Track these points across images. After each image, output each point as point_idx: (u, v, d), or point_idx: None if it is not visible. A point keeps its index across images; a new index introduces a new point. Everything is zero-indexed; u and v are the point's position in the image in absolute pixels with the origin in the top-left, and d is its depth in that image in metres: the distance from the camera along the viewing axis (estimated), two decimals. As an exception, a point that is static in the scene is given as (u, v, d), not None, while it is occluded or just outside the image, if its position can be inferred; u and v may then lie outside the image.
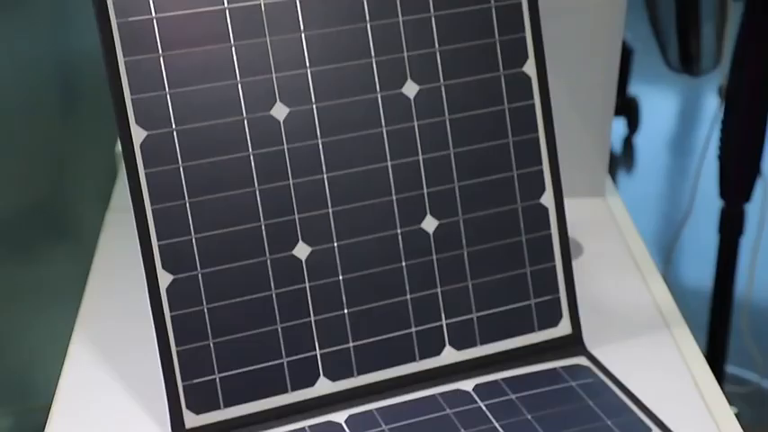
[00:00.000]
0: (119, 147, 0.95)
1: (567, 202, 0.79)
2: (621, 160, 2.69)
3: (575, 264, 0.88)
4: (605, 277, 0.90)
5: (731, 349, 1.53)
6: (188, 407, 0.70)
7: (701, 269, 1.58)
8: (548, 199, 0.79)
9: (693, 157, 2.61)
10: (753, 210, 1.49)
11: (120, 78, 0.69)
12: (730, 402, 0.74)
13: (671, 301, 0.87)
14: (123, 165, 0.70)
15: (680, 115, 3.02)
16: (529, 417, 0.71)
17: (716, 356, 1.48)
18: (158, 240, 0.70)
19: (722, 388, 0.76)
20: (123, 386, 0.76)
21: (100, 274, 0.92)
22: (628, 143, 2.74)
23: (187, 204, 0.70)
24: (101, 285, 0.90)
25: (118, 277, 0.90)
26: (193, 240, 0.70)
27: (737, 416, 0.73)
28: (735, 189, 1.41)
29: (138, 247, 0.70)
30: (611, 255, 0.94)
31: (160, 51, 0.69)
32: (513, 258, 0.78)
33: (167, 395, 0.70)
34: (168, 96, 0.70)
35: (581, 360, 0.78)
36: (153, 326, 0.70)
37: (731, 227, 1.44)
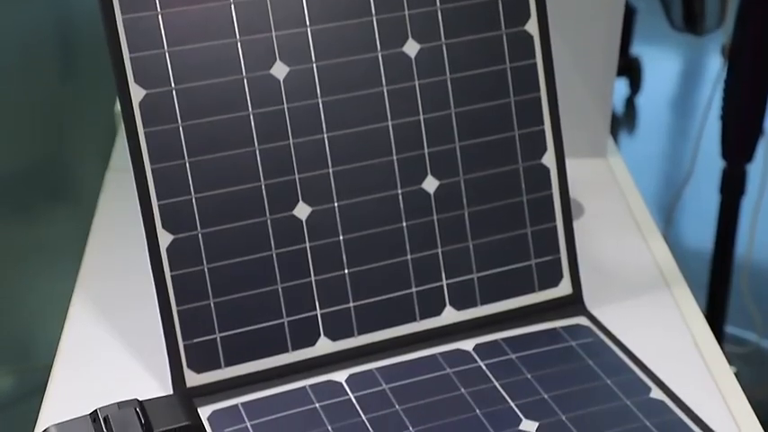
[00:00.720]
0: (118, 106, 0.94)
1: (568, 163, 0.79)
2: (623, 120, 2.68)
3: (575, 224, 0.88)
4: (606, 237, 0.90)
5: (731, 309, 1.53)
6: (189, 366, 0.70)
7: (701, 230, 1.58)
8: (549, 159, 0.78)
9: (695, 117, 2.61)
10: (754, 170, 1.48)
11: (119, 37, 0.68)
12: (729, 362, 0.75)
13: (671, 260, 0.87)
14: (123, 124, 0.69)
15: (682, 75, 3.01)
16: (528, 376, 0.72)
17: (716, 317, 1.49)
18: (158, 200, 0.69)
19: (721, 348, 0.76)
20: (124, 346, 0.77)
21: (100, 235, 0.92)
22: (630, 103, 2.73)
23: (187, 164, 0.70)
24: (101, 245, 0.90)
25: (118, 237, 0.90)
26: (193, 200, 0.70)
27: (736, 375, 0.74)
28: (737, 149, 1.41)
29: (138, 206, 0.69)
30: (612, 215, 0.94)
31: (158, 9, 0.69)
32: (514, 218, 0.77)
33: (168, 354, 0.70)
34: (167, 55, 0.69)
35: (581, 320, 0.78)
36: (153, 285, 0.70)
37: (732, 187, 1.43)
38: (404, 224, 0.75)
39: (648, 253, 0.88)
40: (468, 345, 0.75)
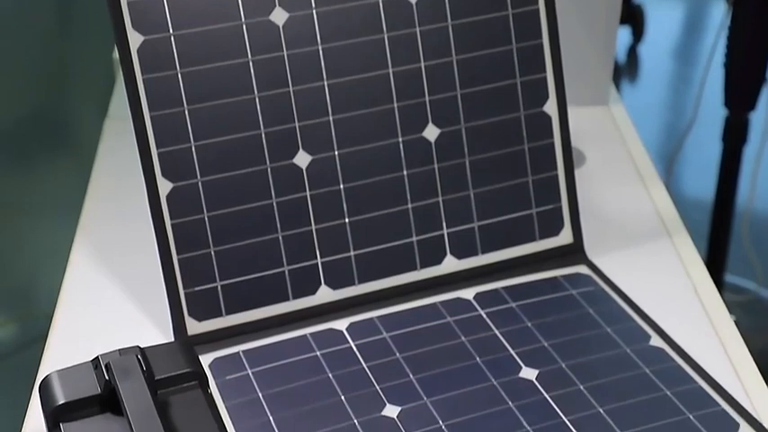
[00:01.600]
0: (116, 53, 0.93)
1: (570, 111, 0.79)
2: (626, 69, 2.66)
3: (577, 173, 0.87)
4: (607, 186, 0.90)
5: (730, 258, 1.53)
6: (190, 314, 0.70)
7: (702, 178, 1.58)
8: (551, 107, 0.78)
9: (698, 65, 2.59)
10: (757, 119, 1.48)
11: (116, -18, 0.67)
12: (729, 311, 0.75)
13: (672, 209, 0.86)
14: (121, 72, 0.69)
15: (686, 23, 2.98)
16: (529, 324, 0.72)
17: (716, 265, 1.49)
18: (157, 148, 0.69)
19: (721, 296, 0.76)
20: (125, 294, 0.77)
21: (99, 183, 0.91)
22: (632, 52, 2.71)
23: (186, 111, 0.69)
24: (100, 194, 0.90)
25: (117, 186, 0.90)
26: (193, 148, 0.70)
27: (736, 324, 0.74)
28: (739, 97, 1.40)
29: (138, 155, 0.69)
30: (613, 163, 0.94)
31: (156, -46, 0.68)
32: (516, 167, 0.77)
33: (169, 302, 0.70)
34: (165, 0, 0.68)
35: (582, 268, 0.78)
36: (154, 234, 0.70)
37: (735, 136, 1.43)
38: (404, 173, 0.74)
39: (650, 202, 0.88)
40: (468, 293, 0.75)
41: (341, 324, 0.72)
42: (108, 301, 0.76)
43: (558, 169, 0.78)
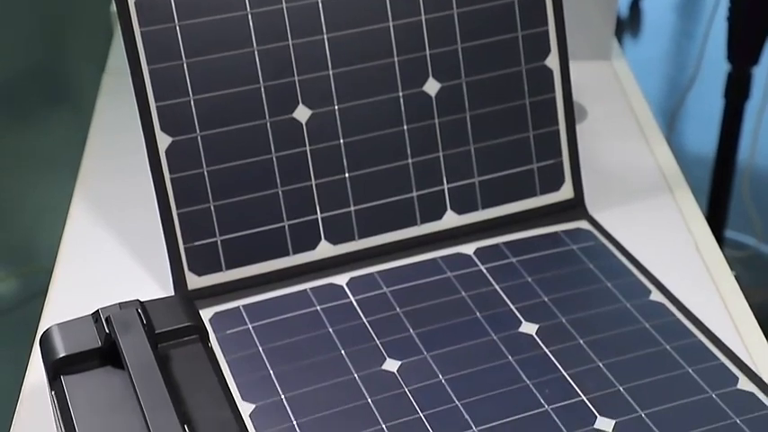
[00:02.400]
0: (113, 5, 0.92)
1: (572, 65, 0.78)
2: (628, 23, 2.64)
3: (578, 127, 0.87)
4: (609, 141, 0.89)
5: (731, 214, 1.53)
6: (190, 269, 0.70)
7: (704, 134, 1.57)
8: (552, 61, 0.77)
9: (701, 19, 2.56)
10: (759, 74, 1.47)
11: (112, -67, 0.66)
12: (729, 266, 0.75)
13: (674, 164, 0.86)
14: (119, 24, 0.68)
15: (689, -23, 2.95)
16: (529, 279, 0.72)
17: (716, 221, 1.49)
18: (156, 102, 0.68)
19: (721, 252, 0.76)
20: (125, 249, 0.77)
21: (98, 138, 0.91)
22: (635, 6, 2.69)
23: (185, 65, 0.69)
24: (99, 149, 0.89)
25: (116, 141, 0.89)
26: (192, 102, 0.69)
27: (736, 279, 0.74)
28: (742, 51, 1.38)
29: (136, 109, 0.69)
30: (615, 118, 0.93)
31: None
32: (516, 122, 0.77)
33: (169, 257, 0.70)
34: (162, -48, 0.67)
35: (582, 224, 0.78)
36: (153, 189, 0.69)
37: (737, 91, 1.42)
38: (405, 127, 0.74)
39: (651, 157, 0.87)
40: (468, 249, 0.75)
41: (341, 279, 0.72)
42: (108, 257, 0.76)
43: (560, 124, 0.78)
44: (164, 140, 0.69)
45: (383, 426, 0.60)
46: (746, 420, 0.60)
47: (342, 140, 0.73)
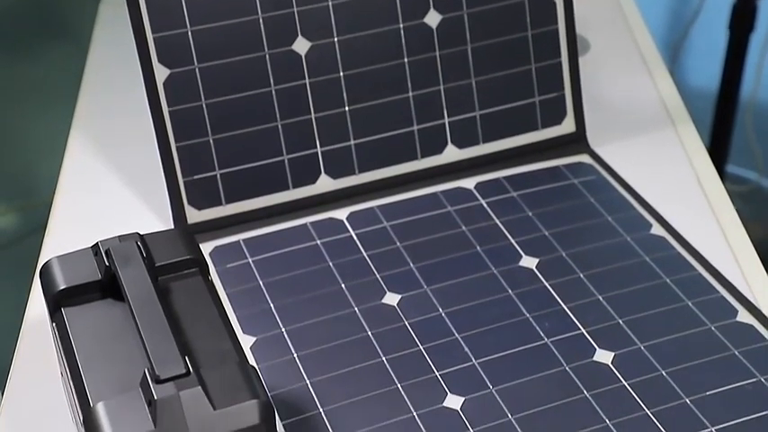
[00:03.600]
0: (108, -64, 0.91)
1: (575, -4, 0.77)
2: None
3: (581, 60, 0.86)
4: (612, 74, 0.88)
5: (732, 148, 1.52)
6: (190, 202, 0.70)
7: (708, 67, 1.55)
8: (556, -8, 0.76)
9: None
10: (765, 6, 1.45)
11: None
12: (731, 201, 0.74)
13: (677, 98, 0.85)
14: (113, -46, 0.67)
15: None
16: (530, 213, 0.72)
17: (718, 155, 1.48)
18: (153, 33, 0.68)
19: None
20: (124, 183, 0.76)
21: (95, 71, 0.90)
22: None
23: (181, -4, 0.68)
24: (96, 82, 0.88)
25: (113, 73, 0.89)
26: (189, 33, 0.68)
27: (737, 213, 0.74)
28: (748, -18, 1.36)
29: (133, 40, 0.68)
30: (618, 51, 0.92)
31: None
32: (518, 54, 0.76)
33: (169, 191, 0.70)
34: None
35: (584, 158, 0.77)
36: (151, 121, 0.69)
37: (742, 23, 1.40)
38: (405, 60, 0.73)
39: (654, 90, 0.86)
40: (469, 183, 0.75)
41: (341, 213, 0.72)
42: (107, 191, 0.76)
43: (562, 57, 0.77)
44: (161, 72, 0.68)
45: (383, 358, 0.60)
46: (745, 352, 0.60)
47: (341, 73, 0.72)
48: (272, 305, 0.64)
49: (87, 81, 0.89)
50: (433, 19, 0.73)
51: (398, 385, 0.58)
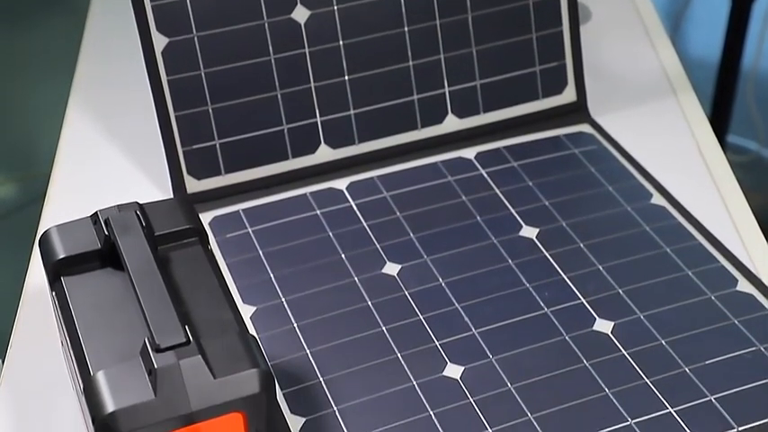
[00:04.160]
0: None
1: (577, -36, 0.76)
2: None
3: (582, 29, 0.85)
4: (613, 43, 0.88)
5: (733, 118, 1.52)
6: (189, 172, 0.70)
7: (710, 37, 1.54)
8: (557, -40, 0.75)
9: None
10: (768, -25, 1.44)
11: None
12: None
13: (679, 67, 0.85)
14: None
15: None
16: (530, 183, 0.71)
17: (719, 125, 1.48)
18: (152, 1, 0.67)
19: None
20: (123, 153, 0.76)
21: (93, 40, 0.89)
22: None
23: (179, -36, 0.67)
24: (95, 51, 0.88)
25: (111, 43, 0.88)
26: (188, 1, 0.68)
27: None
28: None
29: (132, 8, 0.67)
30: (620, 20, 0.91)
31: None
32: (519, 23, 0.75)
33: (168, 161, 0.70)
34: None
35: (584, 127, 0.77)
36: (150, 91, 0.68)
37: (744, -8, 1.39)
38: (405, 29, 0.72)
39: (656, 60, 0.86)
40: (469, 153, 0.74)
41: (341, 183, 0.72)
42: (106, 161, 0.76)
43: (563, 25, 0.76)
44: (160, 41, 0.68)
45: (383, 328, 0.60)
46: (745, 321, 0.60)
47: (341, 42, 0.71)
48: (271, 275, 0.64)
49: (85, 50, 0.88)
50: (433, -13, 0.73)
51: (398, 355, 0.59)
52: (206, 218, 0.69)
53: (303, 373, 0.57)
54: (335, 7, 0.71)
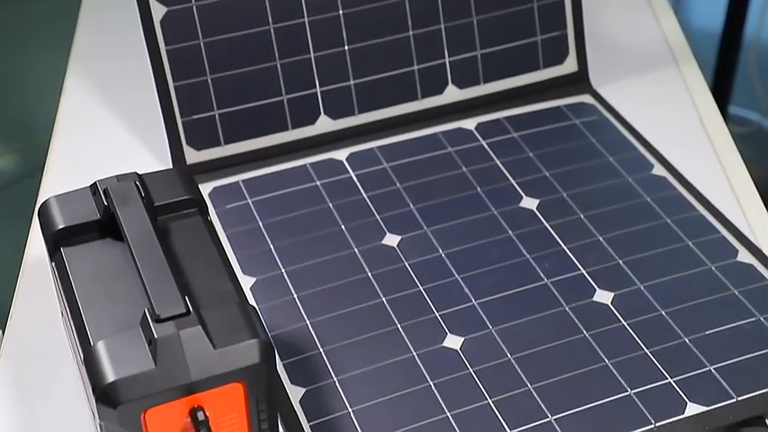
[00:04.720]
0: None
1: (578, -68, 0.75)
2: None
3: (584, -1, 0.85)
4: (615, 13, 0.87)
5: (735, 89, 1.51)
6: (188, 143, 0.70)
7: (712, 7, 1.53)
8: (559, -72, 0.74)
9: None
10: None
11: None
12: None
13: (681, 37, 0.84)
14: None
15: None
16: (531, 154, 0.71)
17: (721, 96, 1.47)
18: (149, -30, 0.67)
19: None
20: (122, 124, 0.76)
21: (91, 10, 0.89)
22: None
23: (177, -68, 0.66)
24: (93, 21, 0.87)
25: (110, 12, 0.87)
26: (186, -29, 0.67)
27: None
28: None
29: (129, -22, 0.67)
30: (621, -10, 0.91)
31: None
32: (520, -8, 0.75)
33: (167, 132, 0.69)
34: None
35: (585, 98, 0.76)
36: (149, 61, 0.68)
37: (747, -38, 1.38)
38: (406, -2, 0.72)
39: (658, 29, 0.85)
40: (470, 123, 0.74)
41: (341, 154, 0.72)
42: (104, 132, 0.75)
43: (565, -6, 0.76)
44: (158, 10, 0.67)
45: (383, 299, 0.60)
46: (745, 291, 0.60)
47: (341, 11, 0.71)
48: (271, 246, 0.64)
49: (83, 20, 0.88)
50: (433, -44, 0.72)
51: (398, 325, 0.59)
52: (205, 189, 0.69)
53: (303, 344, 0.57)
54: (335, -24, 0.70)
